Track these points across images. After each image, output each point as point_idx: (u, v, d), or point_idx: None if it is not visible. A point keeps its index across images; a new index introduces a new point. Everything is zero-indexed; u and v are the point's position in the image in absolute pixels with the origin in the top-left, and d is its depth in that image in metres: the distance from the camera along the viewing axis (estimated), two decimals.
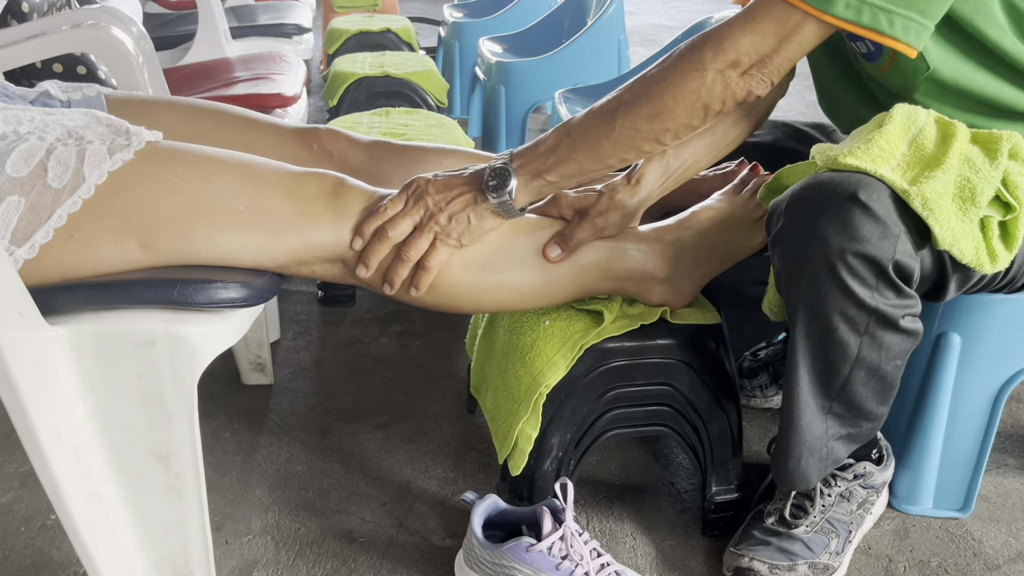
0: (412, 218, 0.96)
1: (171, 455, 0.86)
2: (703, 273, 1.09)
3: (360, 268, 0.96)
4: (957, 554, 1.14)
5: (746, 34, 0.87)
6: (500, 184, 0.95)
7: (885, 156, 0.89)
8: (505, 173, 0.96)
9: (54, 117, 0.92)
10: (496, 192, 0.95)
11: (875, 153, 0.89)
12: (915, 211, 0.87)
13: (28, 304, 0.79)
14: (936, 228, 0.86)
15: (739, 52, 0.88)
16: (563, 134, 0.95)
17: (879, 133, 0.90)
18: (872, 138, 0.90)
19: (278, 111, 1.86)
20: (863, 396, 0.97)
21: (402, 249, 0.96)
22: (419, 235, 0.96)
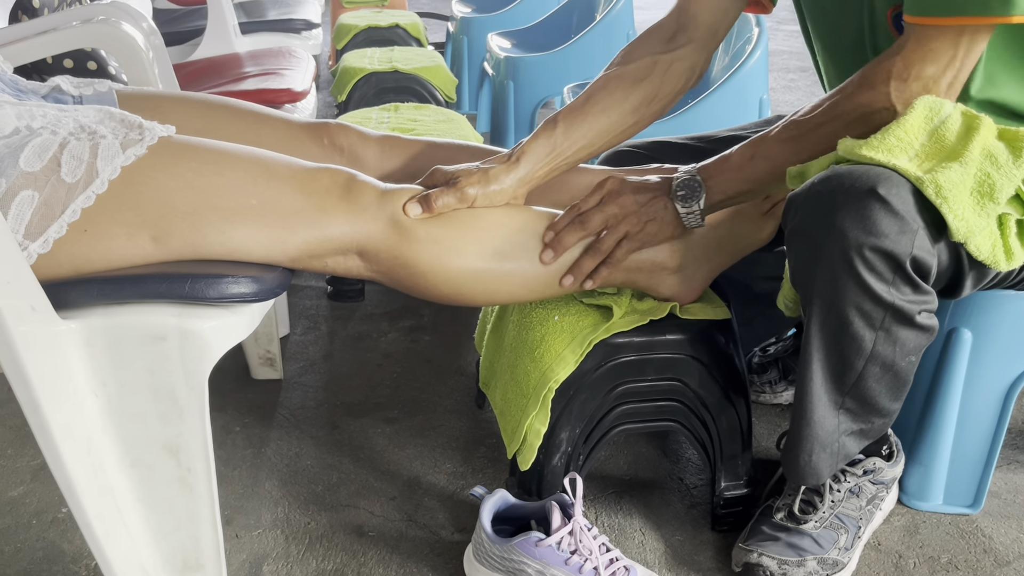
0: (605, 214, 1.01)
1: (182, 449, 0.87)
2: (713, 266, 1.09)
3: (547, 252, 1.01)
4: (967, 550, 1.14)
5: (928, 64, 0.90)
6: (688, 195, 1.01)
7: (902, 146, 0.88)
8: (694, 186, 1.01)
9: (67, 112, 0.93)
10: (685, 203, 1.01)
11: (891, 143, 0.88)
12: (934, 206, 0.86)
13: (41, 298, 0.79)
14: (950, 218, 0.86)
15: (926, 81, 0.90)
16: (748, 156, 1.00)
17: (897, 123, 0.89)
18: (890, 128, 0.89)
19: (287, 106, 1.87)
20: (876, 392, 0.97)
21: (596, 243, 1.02)
22: (612, 232, 1.01)
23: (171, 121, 0.95)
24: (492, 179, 1.03)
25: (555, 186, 1.12)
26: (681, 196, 1.01)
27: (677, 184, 1.02)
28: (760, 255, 1.14)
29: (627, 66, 1.11)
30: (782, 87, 3.93)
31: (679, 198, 1.01)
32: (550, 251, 1.01)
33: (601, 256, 1.02)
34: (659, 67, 1.10)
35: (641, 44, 1.13)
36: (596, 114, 1.08)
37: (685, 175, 1.02)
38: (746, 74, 1.98)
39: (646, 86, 1.09)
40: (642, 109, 1.10)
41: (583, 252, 1.02)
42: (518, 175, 1.05)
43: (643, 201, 1.02)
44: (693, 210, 1.01)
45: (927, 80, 0.90)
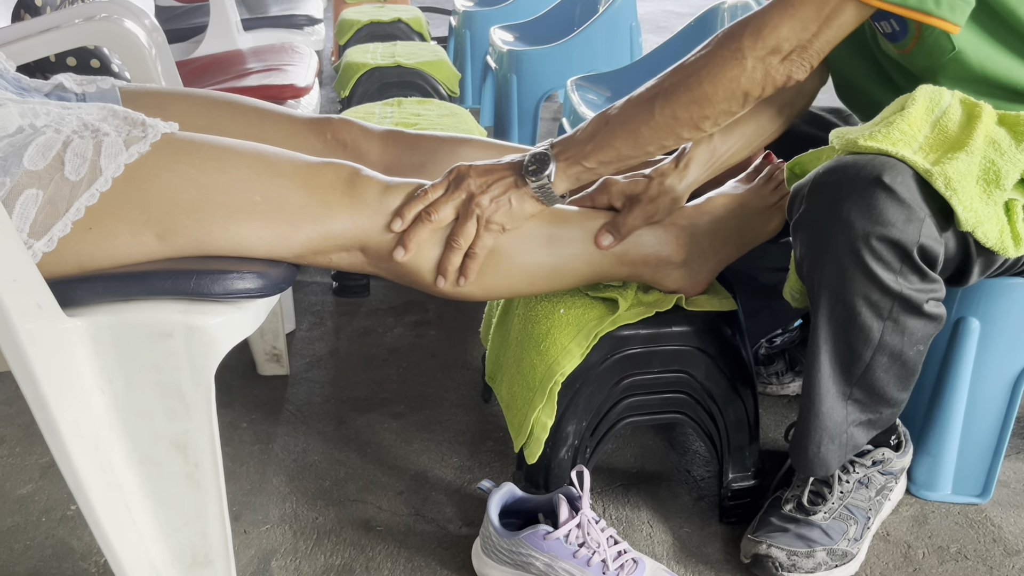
0: (454, 202, 0.97)
1: (189, 445, 0.87)
2: (719, 259, 1.09)
3: (399, 250, 0.96)
4: (976, 540, 1.13)
5: (785, 20, 0.88)
6: (539, 169, 0.97)
7: (907, 139, 0.88)
8: (544, 158, 0.97)
9: (70, 110, 0.93)
10: (535, 176, 0.97)
11: (896, 136, 0.88)
12: (940, 194, 0.86)
13: (47, 296, 0.79)
14: (959, 209, 0.85)
15: (779, 38, 0.88)
16: (602, 122, 0.97)
17: (901, 115, 0.89)
18: (893, 120, 0.89)
19: (290, 102, 1.87)
20: (884, 382, 0.96)
21: (451, 237, 0.97)
22: (464, 221, 0.97)
23: (174, 118, 0.95)
24: (669, 190, 1.04)
25: None
26: (532, 170, 0.97)
27: (528, 159, 0.98)
28: (765, 247, 1.13)
29: None
30: None
31: (529, 172, 0.97)
32: (401, 249, 0.96)
33: (461, 250, 0.98)
34: None
35: None
36: (747, 119, 1.06)
37: (537, 149, 0.99)
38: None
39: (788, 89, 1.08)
40: (786, 112, 1.09)
41: (445, 249, 0.98)
42: (688, 181, 1.05)
43: (491, 181, 0.98)
44: (543, 183, 0.97)
45: (780, 38, 0.88)
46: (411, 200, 0.96)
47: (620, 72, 2.28)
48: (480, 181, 0.98)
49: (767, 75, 0.90)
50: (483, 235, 0.97)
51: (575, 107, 2.05)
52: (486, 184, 0.98)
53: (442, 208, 0.96)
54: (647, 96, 0.95)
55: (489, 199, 0.97)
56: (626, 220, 1.02)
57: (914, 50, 0.95)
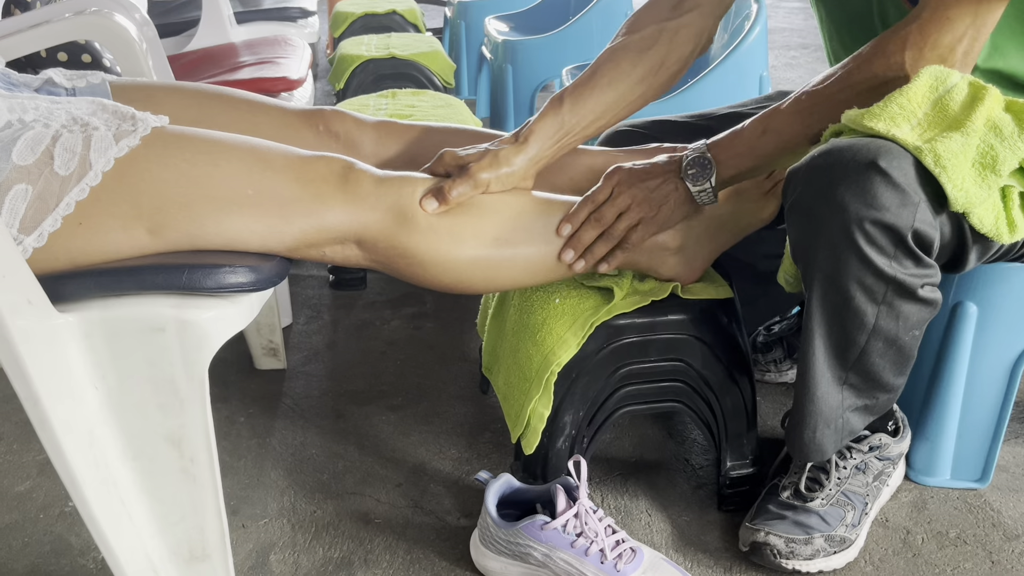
0: (618, 207, 1.01)
1: (184, 440, 0.86)
2: (714, 246, 1.09)
3: (567, 252, 1.01)
4: (976, 525, 1.13)
5: (945, 33, 0.88)
6: (699, 174, 1.00)
7: (904, 114, 0.87)
8: (705, 163, 1.00)
9: (60, 105, 0.92)
10: (696, 181, 1.00)
11: (893, 111, 0.87)
12: (935, 179, 0.85)
13: (37, 292, 0.79)
14: (948, 187, 0.85)
15: (942, 50, 0.89)
16: (759, 130, 0.98)
17: (900, 91, 0.88)
18: (892, 96, 0.88)
19: (284, 95, 1.86)
20: (880, 367, 0.96)
21: (610, 228, 1.01)
22: (624, 219, 1.01)
23: (165, 111, 0.95)
24: (503, 161, 1.02)
25: (553, 168, 1.11)
26: (692, 175, 1.00)
27: (688, 163, 1.00)
28: (762, 233, 1.13)
29: (632, 36, 1.09)
30: (783, 64, 3.90)
31: (690, 177, 1.00)
32: (570, 250, 1.01)
33: (614, 241, 1.02)
34: (665, 35, 1.08)
35: (646, 12, 1.11)
36: (603, 87, 1.06)
37: (695, 153, 1.01)
38: (745, 51, 1.95)
39: (652, 55, 1.07)
40: (649, 79, 1.08)
41: (601, 239, 1.02)
42: (528, 155, 1.04)
43: (654, 186, 1.01)
44: (705, 188, 1.00)
45: (943, 49, 0.89)
46: (580, 205, 1.02)
47: None
48: (643, 186, 1.01)
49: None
50: (639, 231, 1.02)
51: None
52: (649, 189, 1.01)
53: (608, 212, 1.01)
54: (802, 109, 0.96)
55: (650, 205, 1.01)
56: (452, 185, 0.98)
57: None
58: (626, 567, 0.98)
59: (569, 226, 1.01)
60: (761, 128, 0.98)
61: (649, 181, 1.02)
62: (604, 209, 1.01)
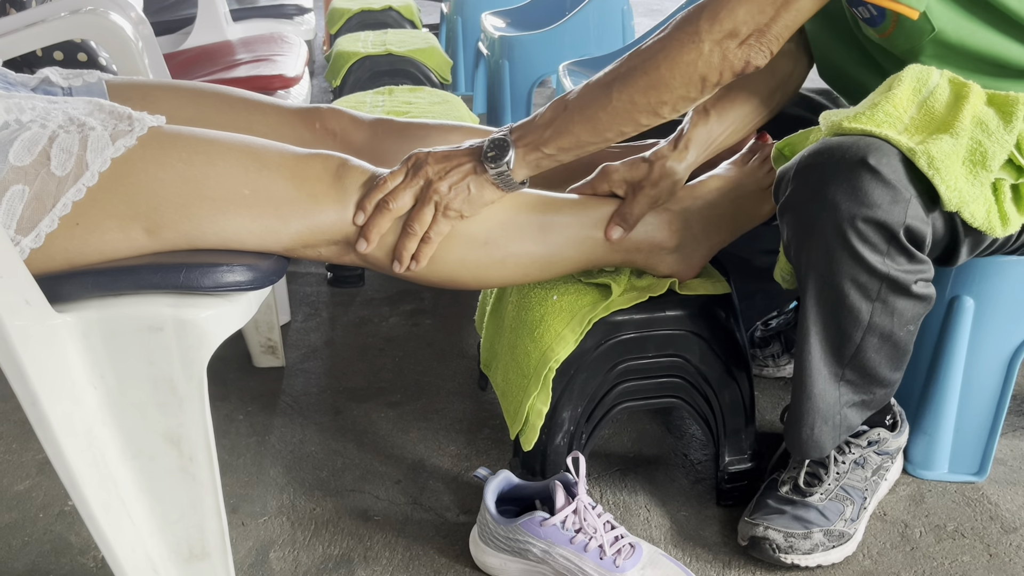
0: (412, 189, 0.96)
1: (183, 438, 0.87)
2: (712, 243, 1.09)
3: (361, 242, 0.95)
4: (974, 518, 1.14)
5: (742, 3, 0.86)
6: (498, 155, 0.96)
7: (891, 120, 0.87)
8: (503, 144, 0.96)
9: (56, 105, 0.92)
10: (494, 163, 0.96)
11: (880, 117, 0.88)
12: (924, 174, 0.85)
13: (35, 292, 0.79)
14: (942, 188, 0.85)
15: (736, 22, 0.87)
16: (560, 108, 0.95)
17: (886, 96, 0.88)
18: (879, 102, 0.88)
19: (280, 92, 1.86)
20: (876, 362, 0.96)
21: (407, 223, 0.96)
22: (421, 207, 0.96)
23: (161, 110, 0.95)
24: (671, 173, 1.03)
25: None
26: (490, 156, 0.96)
27: (487, 145, 0.97)
28: (759, 229, 1.13)
29: None
30: None
31: (488, 159, 0.96)
32: (363, 241, 0.95)
33: (417, 235, 0.96)
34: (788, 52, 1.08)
35: None
36: (742, 101, 1.06)
37: (496, 135, 0.98)
38: None
39: (781, 69, 1.08)
40: (779, 92, 1.09)
41: (401, 234, 0.97)
42: (687, 163, 1.04)
43: (449, 168, 0.96)
44: (502, 170, 0.95)
45: (736, 21, 0.87)
46: (370, 190, 0.95)
47: (612, 56, 2.27)
48: (438, 167, 0.96)
49: (724, 59, 0.88)
50: (440, 221, 0.96)
51: (568, 92, 2.04)
52: (444, 170, 0.96)
53: (400, 196, 0.95)
54: (605, 81, 0.93)
55: (447, 185, 0.95)
56: (632, 208, 1.01)
57: (893, 33, 0.94)
58: (625, 563, 0.99)
59: (362, 214, 0.94)
60: (562, 105, 0.96)
61: (445, 163, 0.97)
62: (396, 192, 0.95)
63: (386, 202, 0.94)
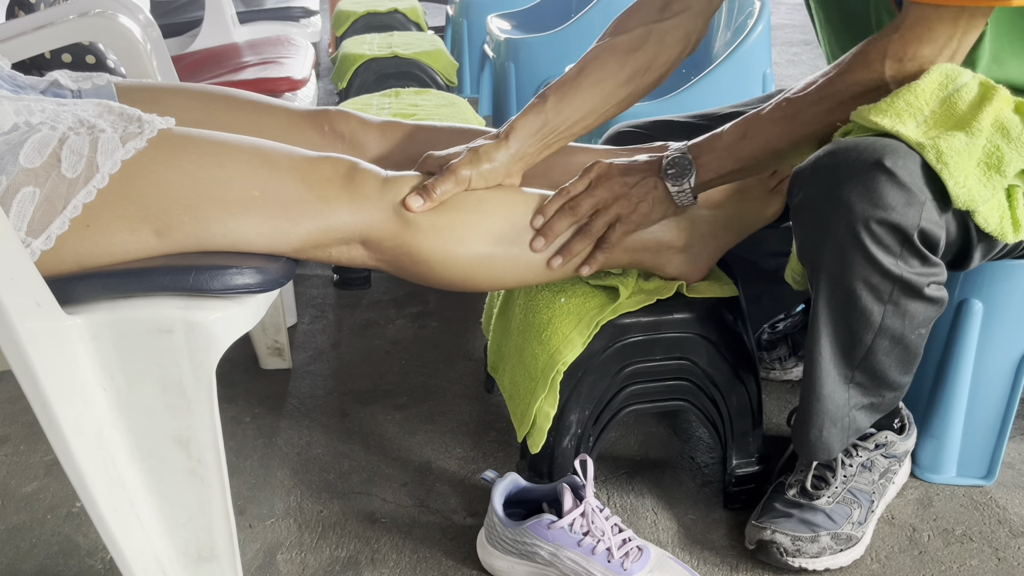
0: (595, 199, 1.00)
1: (192, 440, 0.87)
2: (719, 244, 1.09)
3: (538, 240, 1.00)
4: (982, 522, 1.13)
5: (925, 45, 0.88)
6: (678, 174, 1.00)
7: (911, 111, 0.87)
8: (685, 164, 0.99)
9: (66, 107, 0.92)
10: (675, 181, 1.00)
11: (900, 107, 0.87)
12: (940, 178, 0.85)
13: (45, 294, 0.79)
14: (950, 184, 0.85)
15: (922, 61, 0.89)
16: (739, 134, 0.98)
17: (908, 87, 0.88)
18: (900, 92, 0.88)
19: (287, 95, 1.86)
20: (886, 365, 0.96)
21: (587, 226, 1.01)
22: (601, 215, 1.00)
23: (170, 113, 0.95)
24: (484, 157, 1.02)
25: (554, 167, 1.11)
26: (672, 174, 1.00)
27: (667, 163, 1.00)
28: (767, 231, 1.13)
29: (620, 36, 1.08)
30: (785, 61, 3.90)
31: (669, 176, 1.00)
32: (541, 238, 0.99)
33: (592, 239, 1.01)
34: (654, 36, 1.08)
35: (634, 13, 1.10)
36: (588, 87, 1.06)
37: (675, 153, 1.01)
38: (748, 49, 1.94)
39: (640, 56, 1.07)
40: (636, 80, 1.08)
41: (573, 235, 1.01)
42: (509, 152, 1.03)
43: (632, 183, 1.01)
44: (684, 188, 1.00)
45: (923, 60, 0.88)
46: (555, 195, 1.01)
47: None
48: (623, 181, 1.01)
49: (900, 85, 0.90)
50: (617, 229, 1.01)
51: None
52: (628, 185, 1.01)
53: (584, 203, 1.00)
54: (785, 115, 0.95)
55: (629, 201, 1.00)
56: (436, 184, 0.98)
57: None
58: (633, 565, 0.98)
59: (541, 217, 1.00)
60: (742, 132, 0.98)
61: (628, 177, 1.01)
62: (579, 199, 1.00)
63: (571, 208, 1.00)
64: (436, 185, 0.97)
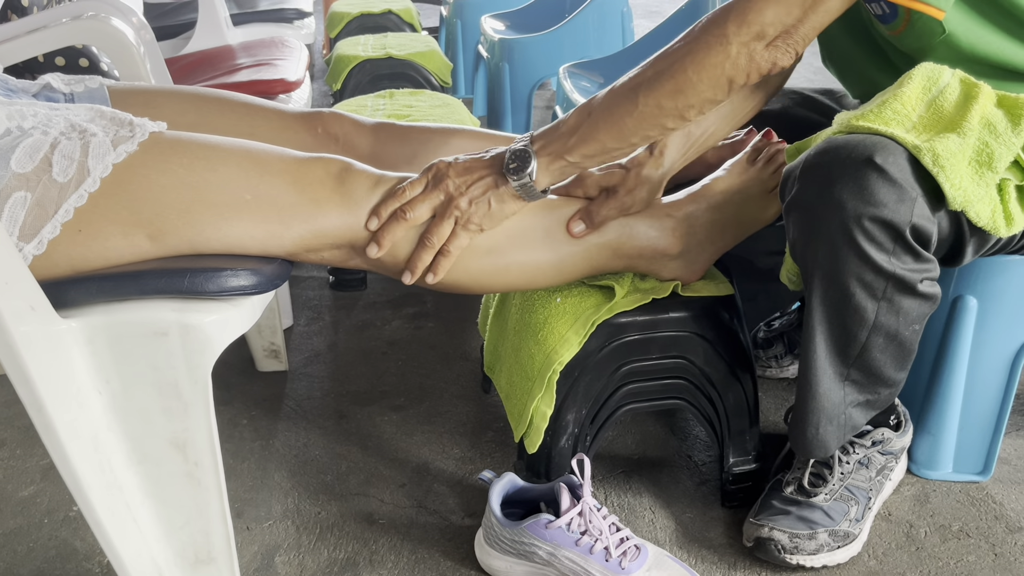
0: (431, 201, 0.95)
1: (188, 443, 0.87)
2: (716, 248, 1.08)
3: (372, 247, 0.95)
4: (978, 517, 1.14)
5: (771, 5, 0.85)
6: (520, 166, 0.94)
7: (899, 118, 0.88)
8: (525, 155, 0.95)
9: (58, 111, 0.92)
10: (516, 174, 0.94)
11: (888, 115, 0.88)
12: (930, 173, 0.85)
13: (40, 298, 0.79)
14: (947, 186, 0.85)
15: (764, 23, 0.86)
16: (584, 114, 0.94)
17: (895, 95, 0.88)
18: (887, 100, 0.88)
19: (281, 96, 1.86)
20: (881, 362, 0.96)
21: (424, 236, 0.96)
22: (440, 220, 0.95)
23: (163, 115, 0.95)
24: (646, 180, 1.02)
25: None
26: (513, 168, 0.95)
27: (509, 156, 0.96)
28: (763, 230, 1.13)
29: None
30: None
31: (510, 170, 0.95)
32: (374, 245, 0.94)
33: (434, 248, 0.96)
34: None
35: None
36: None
37: (517, 145, 0.96)
38: None
39: None
40: (761, 88, 1.07)
41: (417, 246, 0.96)
42: (664, 169, 1.03)
43: (470, 181, 0.95)
44: (525, 181, 0.94)
45: (764, 25, 0.86)
46: (388, 198, 0.94)
47: (612, 58, 2.27)
48: (459, 181, 0.95)
49: (751, 61, 0.87)
50: (459, 235, 0.96)
51: (568, 95, 2.05)
52: (465, 184, 0.95)
53: (418, 207, 0.94)
54: (630, 86, 0.92)
55: (468, 200, 0.95)
56: (600, 210, 0.99)
57: (904, 32, 0.94)
58: (631, 564, 0.98)
59: (376, 219, 0.94)
60: (586, 111, 0.94)
61: (466, 176, 0.96)
62: (414, 202, 0.94)
63: (403, 211, 0.94)
64: (600, 211, 0.99)
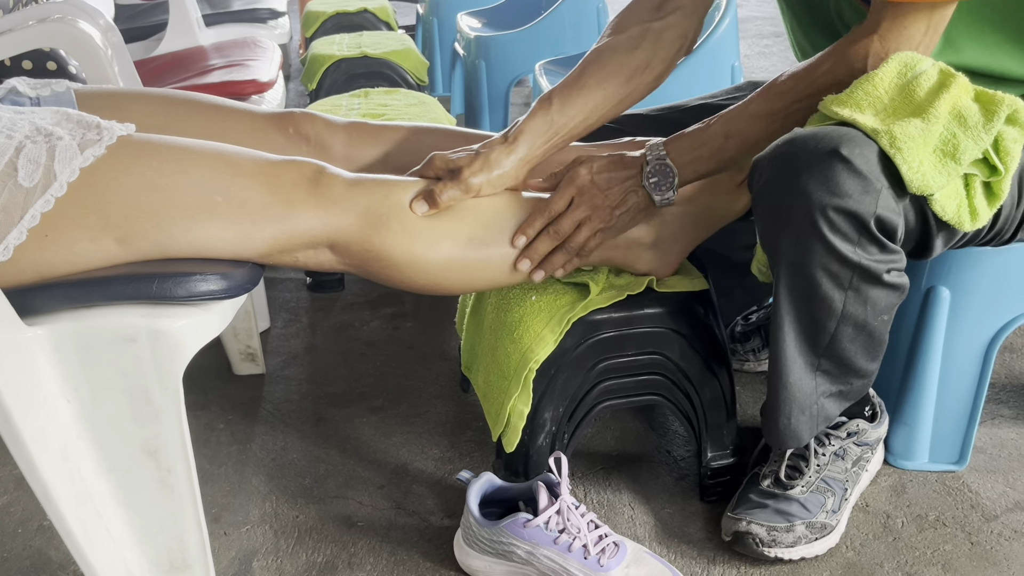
0: (576, 217, 1.01)
1: (160, 450, 0.86)
2: (688, 240, 1.09)
3: (523, 262, 1.01)
4: (955, 507, 1.14)
5: (904, 42, 0.90)
6: (661, 182, 1.00)
7: (869, 100, 0.88)
8: (667, 171, 1.00)
9: (23, 115, 0.91)
10: (658, 190, 1.01)
11: (859, 96, 0.88)
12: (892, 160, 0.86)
13: (4, 306, 0.78)
14: (904, 168, 0.85)
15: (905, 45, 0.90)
16: (721, 134, 0.98)
17: (867, 77, 0.89)
18: (859, 82, 0.89)
19: (254, 97, 1.84)
20: (852, 352, 0.97)
21: (569, 241, 1.01)
22: (583, 229, 1.01)
23: (131, 118, 0.94)
24: (494, 164, 1.02)
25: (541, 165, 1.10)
26: (654, 183, 1.00)
27: (649, 171, 1.00)
28: (737, 225, 1.13)
29: (618, 36, 1.09)
30: (756, 53, 3.92)
31: (652, 186, 1.00)
32: (526, 260, 1.01)
33: (573, 253, 1.02)
34: (650, 35, 1.08)
35: (631, 13, 1.11)
36: (591, 87, 1.06)
37: (655, 159, 1.00)
38: (716, 41, 1.96)
39: (639, 55, 1.07)
40: (636, 78, 1.08)
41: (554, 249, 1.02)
42: (518, 156, 1.03)
43: (614, 195, 1.01)
44: (667, 196, 1.01)
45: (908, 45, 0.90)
46: (535, 214, 1.01)
47: None
48: (603, 197, 1.01)
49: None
50: (597, 239, 1.02)
51: (544, 91, 2.04)
52: (610, 199, 1.01)
53: (564, 223, 1.01)
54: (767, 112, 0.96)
55: (611, 212, 1.01)
56: (443, 190, 0.98)
57: None
58: (609, 562, 0.98)
59: (524, 238, 1.01)
60: (723, 132, 0.98)
61: (610, 191, 1.01)
62: (562, 221, 1.01)
63: (554, 231, 1.00)
64: (444, 191, 0.98)
